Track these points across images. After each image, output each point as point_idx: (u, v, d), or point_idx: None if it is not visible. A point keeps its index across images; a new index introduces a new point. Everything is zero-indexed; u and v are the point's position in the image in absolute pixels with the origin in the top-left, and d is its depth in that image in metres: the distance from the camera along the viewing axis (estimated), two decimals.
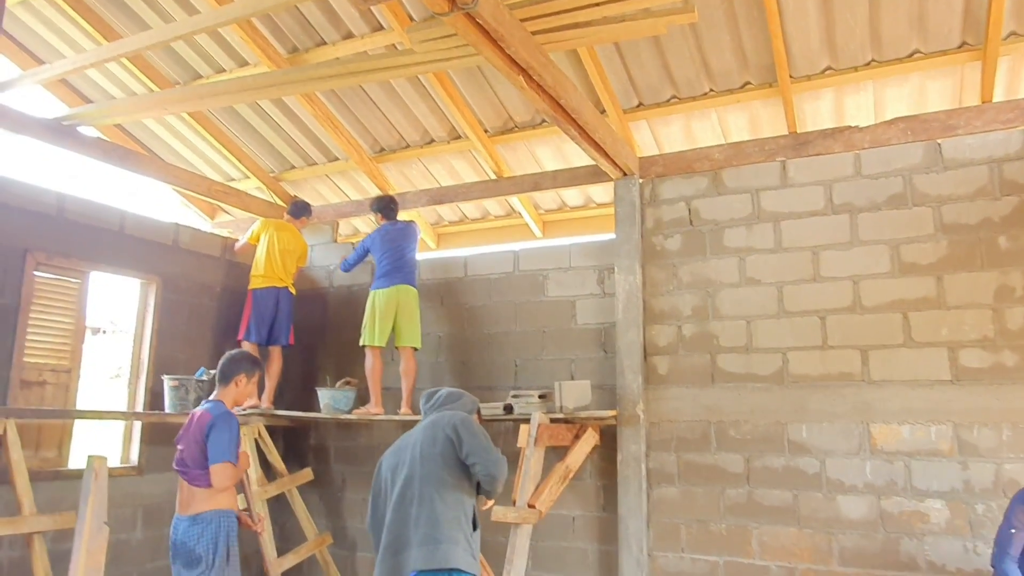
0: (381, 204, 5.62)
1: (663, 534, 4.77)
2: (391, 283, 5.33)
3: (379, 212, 5.60)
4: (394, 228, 5.50)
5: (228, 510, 3.72)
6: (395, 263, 5.37)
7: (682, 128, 5.41)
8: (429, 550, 2.93)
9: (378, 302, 5.33)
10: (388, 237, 5.44)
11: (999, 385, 4.10)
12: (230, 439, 3.66)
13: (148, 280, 5.61)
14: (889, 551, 4.20)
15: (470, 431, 3.13)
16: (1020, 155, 4.27)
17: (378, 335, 5.28)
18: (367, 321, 5.36)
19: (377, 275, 5.42)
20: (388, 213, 5.60)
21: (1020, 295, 4.14)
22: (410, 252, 5.50)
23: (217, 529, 3.64)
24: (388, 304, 5.30)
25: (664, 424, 4.88)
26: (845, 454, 4.38)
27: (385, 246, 5.41)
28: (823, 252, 4.62)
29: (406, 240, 5.48)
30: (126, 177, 5.88)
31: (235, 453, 3.68)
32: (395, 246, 5.41)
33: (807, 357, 4.56)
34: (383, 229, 5.50)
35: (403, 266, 5.41)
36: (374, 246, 5.46)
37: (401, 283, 5.35)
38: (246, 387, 3.91)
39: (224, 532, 3.66)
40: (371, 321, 5.33)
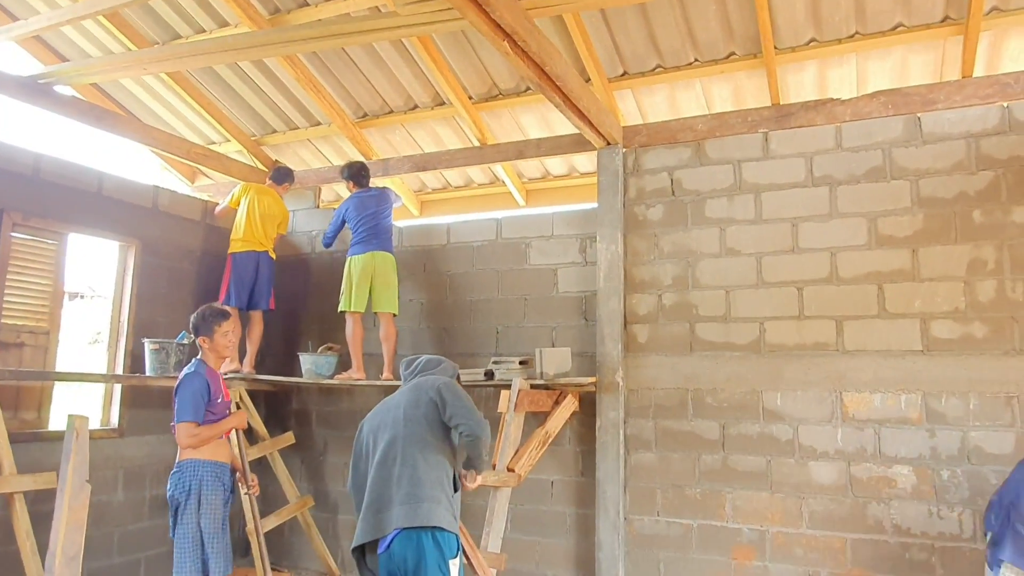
0: (352, 171, 5.60)
1: (639, 498, 4.88)
2: (366, 249, 5.34)
3: (351, 180, 5.58)
4: (367, 195, 5.49)
5: (204, 460, 3.82)
6: (370, 230, 5.38)
7: (666, 98, 5.41)
8: (411, 508, 2.98)
9: (354, 268, 5.35)
10: (362, 204, 5.43)
11: (968, 356, 4.21)
12: (190, 399, 3.77)
13: (127, 243, 5.55)
14: (856, 515, 4.33)
15: (454, 393, 3.17)
16: (997, 130, 4.33)
17: (355, 301, 5.31)
18: (344, 288, 5.39)
19: (352, 242, 5.43)
20: (360, 180, 5.58)
21: (992, 268, 4.23)
22: (385, 218, 5.49)
23: (191, 477, 3.78)
24: (364, 270, 5.32)
25: (642, 391, 4.96)
26: (818, 421, 4.49)
27: (360, 213, 5.40)
28: (802, 224, 4.68)
29: (380, 206, 5.47)
30: (104, 138, 5.79)
31: (195, 412, 3.76)
32: (369, 213, 5.40)
33: (784, 327, 4.64)
34: (356, 197, 5.49)
35: (379, 232, 5.41)
36: (349, 214, 5.45)
37: (376, 249, 5.36)
38: (218, 341, 3.95)
39: (197, 480, 3.78)
40: (348, 287, 5.36)
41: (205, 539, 3.75)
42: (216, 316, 3.99)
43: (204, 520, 3.76)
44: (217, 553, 3.75)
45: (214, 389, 3.89)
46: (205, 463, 3.83)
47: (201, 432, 3.80)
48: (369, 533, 3.04)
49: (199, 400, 3.80)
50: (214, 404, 3.88)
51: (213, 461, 3.86)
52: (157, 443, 5.57)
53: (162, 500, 5.57)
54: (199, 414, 3.79)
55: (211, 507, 3.79)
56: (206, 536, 3.75)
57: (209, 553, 3.73)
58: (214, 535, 3.77)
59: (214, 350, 3.97)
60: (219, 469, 3.88)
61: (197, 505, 3.78)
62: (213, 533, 3.77)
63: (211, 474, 3.84)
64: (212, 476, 3.84)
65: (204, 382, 3.85)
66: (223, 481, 3.89)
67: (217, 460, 3.88)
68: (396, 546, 2.97)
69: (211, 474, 3.84)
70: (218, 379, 4.01)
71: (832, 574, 4.33)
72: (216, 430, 3.86)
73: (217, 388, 3.94)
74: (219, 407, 3.92)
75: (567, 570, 5.06)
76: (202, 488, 3.79)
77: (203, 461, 3.83)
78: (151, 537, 5.46)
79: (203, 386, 3.83)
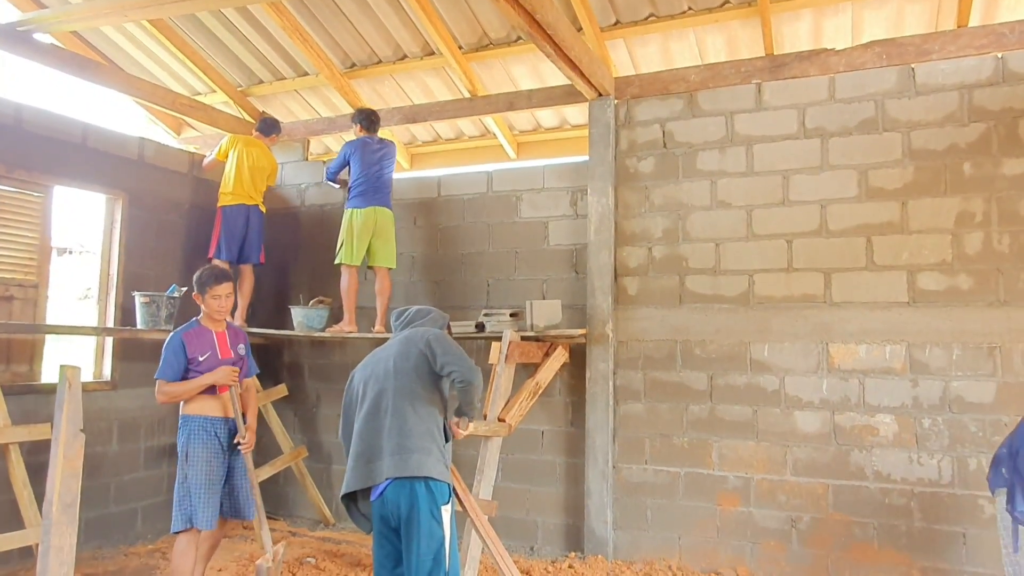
0: (363, 115, 5.53)
1: (628, 447, 4.97)
2: (369, 203, 5.31)
3: (360, 123, 5.51)
4: (375, 143, 5.44)
5: (192, 415, 3.92)
6: (374, 183, 5.34)
7: (659, 48, 5.33)
8: (401, 458, 3.02)
9: (356, 221, 5.31)
10: (368, 151, 5.38)
11: (953, 307, 4.27)
12: (163, 357, 3.87)
13: (114, 196, 5.50)
14: (839, 462, 4.43)
15: (444, 343, 3.20)
16: (991, 81, 4.31)
17: (354, 254, 5.29)
18: (344, 239, 5.34)
19: (354, 192, 5.37)
20: (369, 126, 5.51)
21: (979, 220, 4.25)
22: (388, 172, 5.46)
23: (183, 431, 3.93)
24: (365, 225, 5.29)
25: (632, 343, 5.01)
26: (804, 372, 4.56)
27: (365, 161, 5.34)
28: (793, 176, 4.67)
29: (385, 159, 5.44)
30: (87, 89, 5.67)
31: (164, 369, 3.85)
32: (374, 164, 5.36)
33: (773, 279, 4.68)
34: (363, 141, 5.42)
35: (381, 187, 5.38)
36: (354, 156, 5.38)
37: (379, 204, 5.34)
38: (208, 303, 3.98)
39: (186, 434, 3.90)
40: (348, 240, 5.32)
41: (192, 491, 3.82)
42: (209, 278, 3.98)
43: (191, 472, 3.84)
44: (203, 505, 3.81)
45: (193, 348, 3.90)
46: (193, 418, 3.92)
47: (169, 389, 3.86)
48: (361, 481, 3.09)
49: (170, 358, 3.86)
50: (195, 363, 3.90)
51: (201, 416, 3.92)
52: (150, 395, 5.51)
53: (157, 451, 5.66)
54: (168, 372, 3.85)
55: (197, 460, 3.85)
56: (192, 488, 3.82)
57: (196, 505, 3.80)
58: (200, 487, 3.83)
59: (206, 311, 4.00)
60: (207, 423, 3.91)
61: (185, 458, 3.88)
62: (199, 485, 3.83)
63: (199, 428, 3.90)
64: (200, 430, 3.90)
65: (179, 341, 3.89)
66: (213, 434, 3.92)
67: (206, 415, 3.93)
68: (389, 493, 3.02)
69: (199, 428, 3.90)
70: (206, 338, 3.98)
71: (813, 518, 4.46)
72: (187, 387, 3.88)
73: (200, 347, 3.93)
74: (203, 365, 3.91)
75: (557, 517, 5.19)
76: (189, 442, 3.88)
77: (191, 416, 3.92)
78: (147, 487, 5.54)
79: (177, 345, 3.88)
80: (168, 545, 5.22)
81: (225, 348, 4.04)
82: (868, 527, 4.34)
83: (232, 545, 5.26)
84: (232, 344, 4.09)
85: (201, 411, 3.93)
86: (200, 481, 3.84)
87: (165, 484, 5.68)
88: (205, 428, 3.91)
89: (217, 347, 4.00)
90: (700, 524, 4.73)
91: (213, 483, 3.87)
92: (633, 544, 4.88)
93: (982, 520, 4.12)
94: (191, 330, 3.97)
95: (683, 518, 4.78)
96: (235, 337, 4.14)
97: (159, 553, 5.04)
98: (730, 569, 4.63)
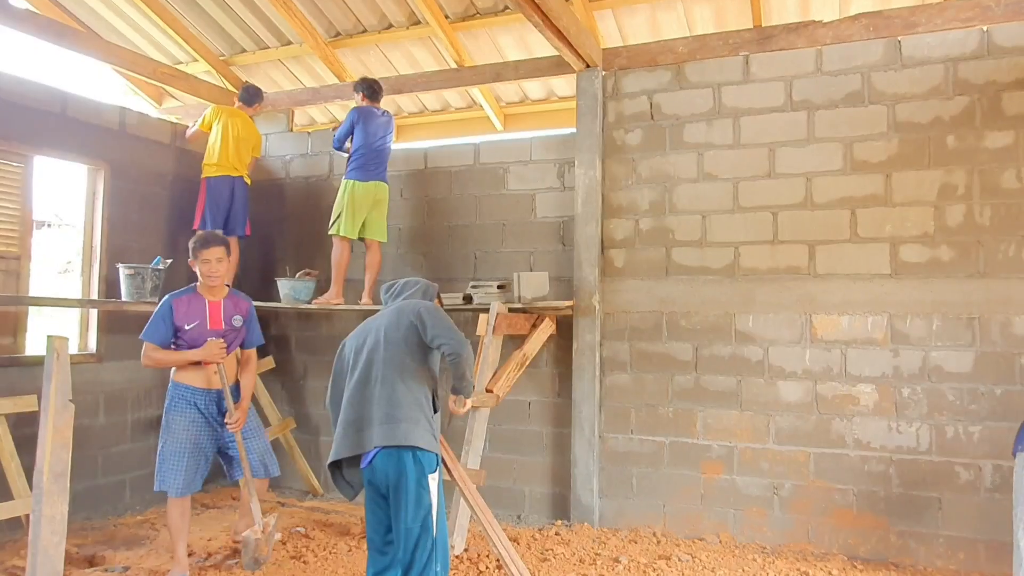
0: (365, 84, 5.44)
1: (614, 417, 5.04)
2: (371, 178, 5.27)
3: (363, 92, 5.44)
4: (379, 114, 5.38)
5: (175, 382, 3.97)
6: (377, 157, 5.30)
7: (647, 19, 5.30)
8: (390, 428, 3.05)
9: (357, 194, 5.25)
10: (373, 121, 5.31)
11: (934, 279, 4.34)
12: (151, 320, 3.89)
13: (95, 167, 5.42)
14: (820, 431, 4.53)
15: (434, 315, 3.21)
16: (976, 55, 4.34)
17: (351, 226, 5.25)
18: (344, 211, 5.26)
19: (356, 164, 5.29)
20: (372, 95, 5.44)
21: (961, 193, 4.31)
22: (389, 145, 5.44)
23: (169, 399, 3.98)
24: (365, 199, 5.27)
25: (619, 315, 5.05)
26: (787, 343, 4.63)
27: (369, 131, 5.27)
28: (779, 149, 4.70)
29: (388, 132, 5.41)
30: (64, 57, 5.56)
31: (151, 333, 3.86)
32: (378, 136, 5.31)
33: (758, 251, 4.72)
34: (368, 110, 5.34)
35: (382, 161, 5.36)
36: (359, 125, 5.29)
37: (380, 180, 5.32)
38: (199, 268, 3.97)
39: (168, 400, 3.97)
40: (347, 212, 5.25)
41: (165, 457, 3.88)
42: (199, 242, 3.97)
43: (167, 439, 3.90)
44: (173, 472, 3.85)
45: (180, 315, 3.89)
46: (177, 385, 3.96)
47: (155, 355, 3.88)
48: (349, 449, 3.12)
49: (157, 322, 3.87)
50: (181, 331, 3.90)
51: (184, 384, 3.96)
52: (136, 368, 5.53)
53: (144, 423, 5.66)
54: (153, 335, 3.86)
55: (173, 428, 3.91)
56: (166, 455, 3.88)
57: (166, 472, 3.86)
58: (172, 455, 3.88)
59: (200, 274, 3.98)
60: (188, 392, 3.94)
61: (166, 425, 3.93)
62: (172, 453, 3.88)
63: (179, 396, 3.94)
64: (179, 398, 3.94)
65: (168, 307, 3.89)
66: (192, 404, 3.94)
67: (189, 384, 3.95)
68: (378, 462, 3.05)
69: (179, 396, 3.94)
70: (197, 306, 3.96)
71: (795, 485, 4.56)
72: (172, 357, 3.91)
73: (189, 315, 3.91)
74: (188, 334, 3.91)
75: (543, 486, 5.26)
76: (169, 409, 3.94)
77: (174, 383, 3.97)
78: (135, 458, 5.54)
79: (166, 310, 3.89)
80: (157, 516, 5.25)
81: (216, 319, 4.00)
82: (848, 493, 4.44)
83: (221, 515, 5.29)
84: (226, 315, 4.05)
85: (184, 379, 3.96)
86: (172, 449, 3.89)
87: (153, 456, 5.63)
88: (185, 397, 3.94)
89: (208, 317, 3.98)
90: (684, 492, 4.82)
91: (186, 452, 3.89)
92: (618, 512, 4.97)
93: (957, 486, 4.23)
94: (183, 296, 3.97)
95: (668, 486, 4.87)
96: (233, 307, 4.09)
97: (148, 524, 5.06)
98: (713, 535, 4.73)
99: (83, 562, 4.28)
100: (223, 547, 4.55)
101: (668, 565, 4.23)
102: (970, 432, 4.23)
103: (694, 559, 4.33)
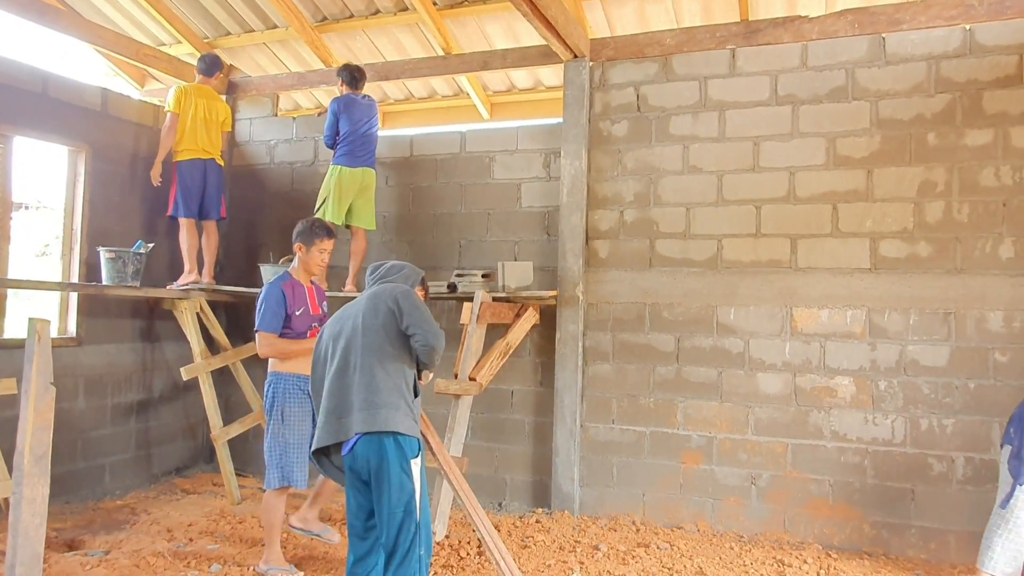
0: (347, 72, 5.40)
1: (596, 407, 5.08)
2: (358, 164, 5.26)
3: (343, 79, 5.40)
4: (362, 100, 5.36)
5: (287, 373, 3.86)
6: (363, 143, 5.29)
7: (635, 10, 5.30)
8: (370, 414, 3.05)
9: (344, 180, 5.24)
10: (356, 108, 5.29)
11: (912, 274, 4.40)
12: (265, 309, 3.82)
13: (77, 148, 5.35)
14: (798, 422, 4.59)
15: (411, 303, 3.20)
16: (958, 53, 4.39)
17: (335, 212, 5.24)
18: (331, 197, 5.24)
19: (343, 151, 5.27)
20: (353, 83, 5.40)
21: (941, 190, 4.37)
22: (375, 130, 5.42)
23: (274, 391, 3.86)
24: (352, 185, 5.25)
25: (602, 305, 5.08)
26: (768, 335, 4.69)
27: (353, 118, 5.26)
28: (764, 143, 4.74)
29: (372, 117, 5.39)
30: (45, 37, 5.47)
31: (270, 322, 3.79)
32: (363, 123, 5.29)
33: (741, 244, 4.77)
34: (350, 98, 5.32)
35: (369, 146, 5.34)
36: (343, 114, 5.28)
37: (367, 165, 5.31)
38: (313, 255, 3.94)
39: (281, 393, 3.84)
40: (334, 198, 5.23)
41: (289, 450, 3.79)
42: (320, 230, 3.96)
43: (287, 431, 3.81)
44: (300, 464, 3.80)
45: (290, 301, 3.85)
46: (288, 376, 3.86)
47: (278, 344, 3.82)
48: (331, 437, 3.12)
49: (274, 310, 3.80)
50: (292, 317, 3.85)
51: (296, 374, 3.85)
52: (116, 352, 5.55)
53: (124, 407, 5.63)
54: (273, 323, 3.79)
55: (292, 419, 3.83)
56: (291, 446, 3.79)
57: (293, 464, 3.78)
58: (297, 446, 3.80)
59: (305, 263, 3.95)
60: (301, 381, 3.86)
61: (281, 418, 3.83)
62: (297, 444, 3.81)
63: (294, 387, 3.85)
64: (295, 389, 3.85)
65: (280, 293, 3.83)
66: (306, 393, 3.84)
67: (298, 372, 3.85)
68: (359, 448, 3.06)
69: (294, 387, 3.85)
70: (300, 291, 3.94)
71: (772, 476, 4.63)
72: (298, 346, 3.84)
73: (296, 301, 3.89)
74: (297, 321, 3.87)
75: (525, 474, 5.30)
76: (285, 401, 3.83)
77: (285, 374, 3.86)
78: (114, 443, 5.52)
79: (279, 296, 3.82)
80: (137, 500, 5.23)
81: (315, 303, 4.02)
82: (824, 484, 4.52)
83: (202, 500, 5.29)
84: (319, 300, 4.06)
85: (293, 369, 3.86)
86: (296, 440, 3.81)
87: (133, 440, 5.67)
88: (298, 386, 3.86)
89: (309, 302, 3.98)
90: (664, 481, 4.88)
91: (306, 442, 3.79)
92: (598, 500, 5.02)
93: (930, 478, 4.32)
94: (287, 282, 3.91)
95: (647, 475, 4.93)
96: (319, 293, 4.10)
97: (128, 508, 5.04)
98: (691, 524, 4.80)
99: (63, 546, 4.26)
100: (203, 532, 4.55)
101: (647, 553, 4.29)
102: (944, 425, 4.31)
103: (672, 547, 4.39)
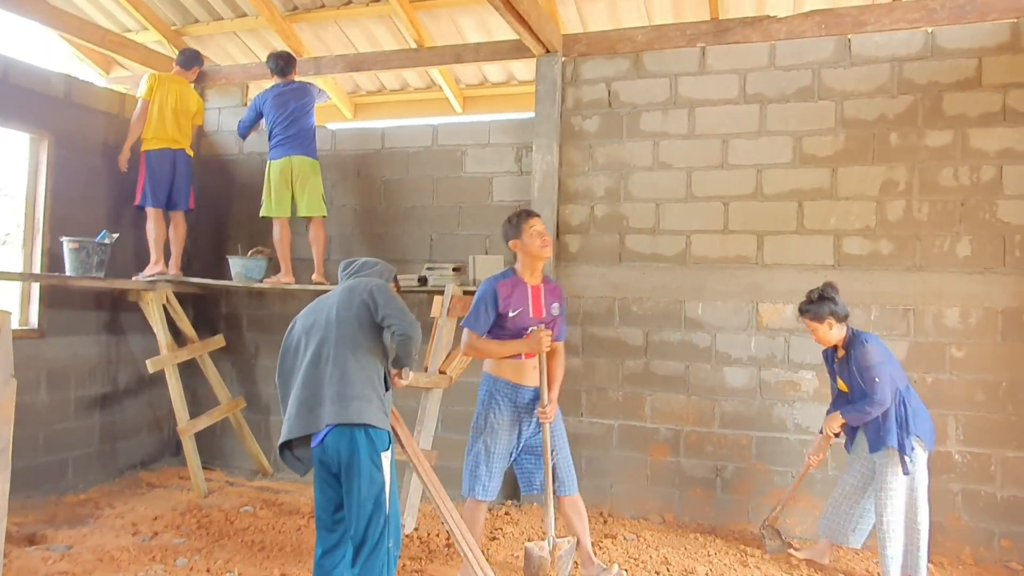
0: (272, 60, 5.36)
1: (565, 400, 5.07)
2: (283, 154, 5.22)
3: (272, 70, 5.37)
4: (287, 89, 5.29)
5: (496, 377, 3.64)
6: (287, 131, 5.22)
7: (608, 6, 5.34)
8: (342, 406, 3.06)
9: (272, 173, 5.25)
10: (280, 99, 5.24)
11: (873, 271, 4.51)
12: (476, 307, 3.57)
13: (39, 136, 5.23)
14: (763, 415, 4.69)
15: (386, 295, 3.22)
16: (920, 55, 4.49)
17: (276, 206, 5.25)
18: (265, 192, 5.30)
19: (271, 144, 5.27)
20: (279, 71, 5.34)
21: (902, 189, 4.48)
22: (304, 117, 5.28)
23: (483, 393, 3.67)
24: (282, 176, 5.22)
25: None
26: (734, 330, 4.77)
27: (277, 110, 5.22)
28: (732, 140, 4.81)
29: (300, 102, 5.27)
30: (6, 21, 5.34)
31: (475, 320, 3.54)
32: (288, 111, 5.22)
33: (709, 240, 4.84)
34: (275, 90, 5.28)
35: (297, 134, 5.23)
36: (266, 107, 5.25)
37: (294, 153, 5.22)
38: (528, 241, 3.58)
39: (488, 396, 3.64)
40: (266, 191, 5.28)
41: (482, 459, 3.59)
42: (522, 214, 3.64)
43: (490, 440, 3.60)
44: (492, 476, 3.60)
45: (504, 301, 3.53)
46: (497, 380, 3.63)
47: (482, 346, 3.57)
48: (302, 428, 3.12)
49: (484, 309, 3.53)
50: (505, 318, 3.54)
51: (505, 379, 3.62)
52: (80, 344, 5.45)
53: (88, 401, 5.52)
54: (480, 324, 3.53)
55: (498, 428, 3.59)
56: (490, 455, 3.59)
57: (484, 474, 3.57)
58: (498, 457, 3.59)
59: (527, 254, 3.59)
60: (511, 389, 3.61)
61: (484, 423, 3.62)
62: (498, 455, 3.59)
63: (502, 393, 3.61)
64: (502, 395, 3.61)
65: (494, 291, 3.53)
66: (514, 402, 3.61)
67: (510, 379, 3.61)
68: (330, 440, 3.06)
69: (502, 393, 3.61)
70: (521, 291, 3.58)
71: (737, 467, 4.72)
72: (501, 348, 3.57)
73: (514, 301, 3.55)
74: (512, 322, 3.54)
75: None
76: (490, 406, 3.61)
77: (495, 378, 3.64)
78: (77, 437, 5.42)
79: (492, 295, 3.53)
80: (100, 495, 5.16)
81: (538, 306, 3.62)
82: (786, 475, 4.62)
83: (168, 495, 5.23)
84: (547, 302, 3.66)
85: (506, 374, 3.62)
86: (497, 451, 3.59)
87: (96, 435, 5.57)
88: (507, 394, 3.61)
89: (530, 303, 3.60)
90: (631, 473, 4.94)
91: (507, 454, 3.63)
92: None
93: None
94: (506, 280, 3.59)
95: (615, 468, 4.98)
96: (551, 294, 3.69)
97: (91, 503, 4.97)
98: (658, 515, 4.87)
99: (24, 541, 4.19)
100: (169, 526, 4.50)
101: (614, 544, 4.35)
102: None
103: (639, 538, 4.46)
